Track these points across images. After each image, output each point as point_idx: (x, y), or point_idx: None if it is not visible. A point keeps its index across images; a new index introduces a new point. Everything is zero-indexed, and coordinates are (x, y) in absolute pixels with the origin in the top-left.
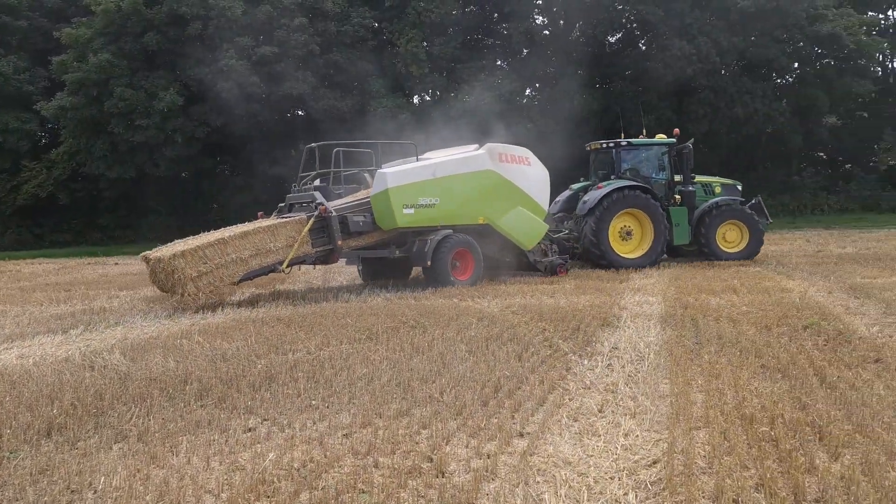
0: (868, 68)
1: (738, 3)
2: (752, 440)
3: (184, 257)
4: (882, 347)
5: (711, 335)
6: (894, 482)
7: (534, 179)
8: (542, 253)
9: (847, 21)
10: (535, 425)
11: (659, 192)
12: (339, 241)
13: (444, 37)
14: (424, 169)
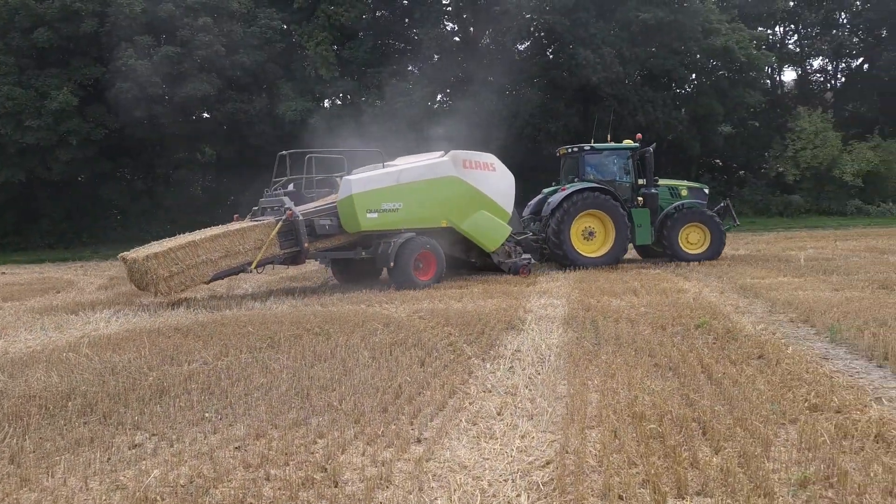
0: (758, 80)
1: (639, 15)
2: (640, 437)
3: (156, 259)
4: (765, 344)
5: (610, 336)
6: (768, 472)
7: (498, 184)
8: (505, 254)
9: (738, 35)
10: (433, 430)
11: (624, 194)
12: (305, 244)
13: (355, 40)
14: (388, 175)
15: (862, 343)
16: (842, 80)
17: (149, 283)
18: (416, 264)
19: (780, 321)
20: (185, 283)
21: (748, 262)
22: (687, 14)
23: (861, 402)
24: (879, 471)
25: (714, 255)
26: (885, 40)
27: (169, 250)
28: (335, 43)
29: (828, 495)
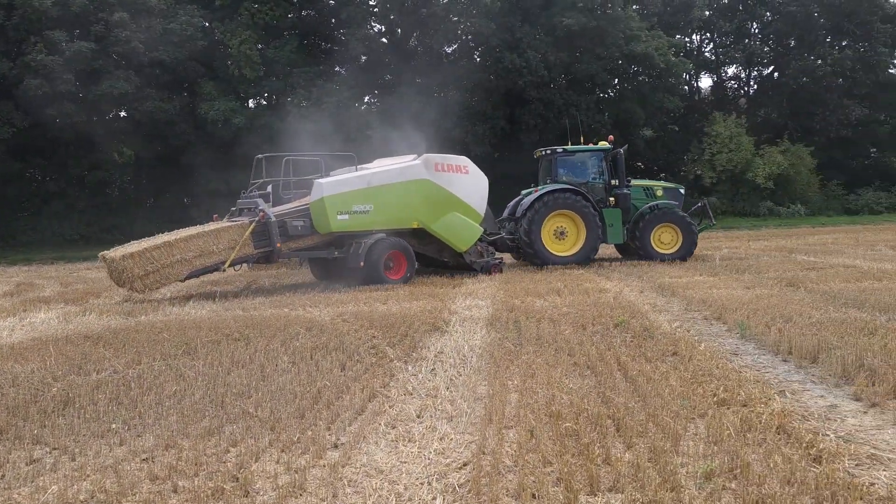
0: (677, 86)
1: (563, 21)
2: (556, 436)
3: (132, 258)
4: (679, 341)
5: (532, 336)
6: (676, 466)
7: (470, 187)
8: (477, 254)
9: (658, 42)
10: (350, 435)
11: (598, 194)
12: (277, 244)
13: (280, 40)
14: (359, 179)
15: (769, 339)
16: (754, 87)
17: (125, 281)
18: (386, 264)
19: (695, 319)
20: (160, 282)
21: (667, 261)
22: (609, 21)
23: (766, 396)
24: (779, 461)
25: (685, 256)
26: (792, 50)
27: (144, 250)
28: (259, 42)
29: (731, 487)
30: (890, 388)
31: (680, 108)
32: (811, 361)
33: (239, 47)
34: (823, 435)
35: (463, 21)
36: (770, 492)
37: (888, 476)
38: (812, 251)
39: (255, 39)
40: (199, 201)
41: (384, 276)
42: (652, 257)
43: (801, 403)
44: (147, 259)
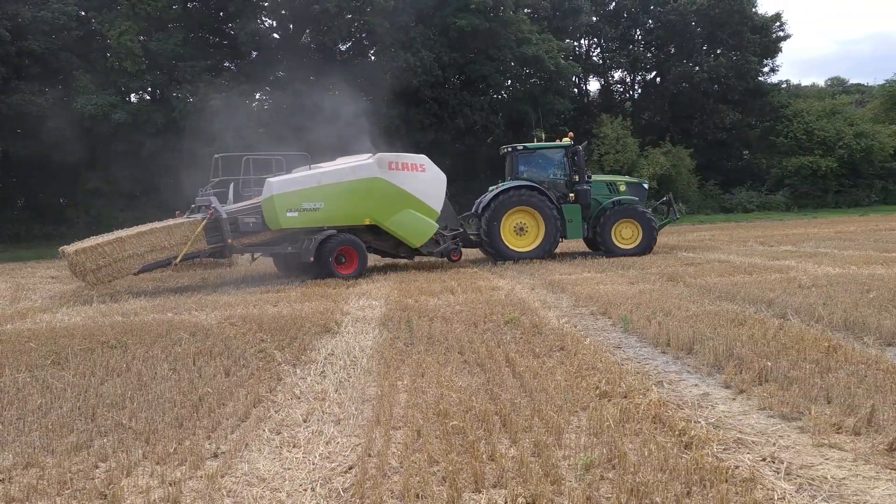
0: (567, 89)
1: (456, 21)
2: (443, 435)
3: (84, 253)
4: (566, 336)
5: (424, 335)
6: (558, 459)
7: (426, 184)
8: (434, 244)
9: (548, 46)
10: (232, 443)
11: (559, 190)
12: (228, 240)
13: (164, 32)
14: (310, 177)
15: (649, 332)
16: (639, 92)
17: (80, 274)
18: (338, 259)
19: (582, 314)
20: (112, 275)
21: (558, 259)
22: (501, 23)
23: (644, 387)
24: (654, 449)
25: (645, 251)
26: (673, 56)
27: (96, 245)
28: (141, 33)
29: (609, 476)
30: (755, 376)
31: (570, 110)
32: (687, 352)
33: (119, 39)
34: (695, 422)
35: (357, 18)
36: (644, 479)
37: (751, 458)
38: (691, 247)
39: (137, 31)
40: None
41: (335, 271)
42: (613, 253)
43: (677, 393)
44: (99, 254)
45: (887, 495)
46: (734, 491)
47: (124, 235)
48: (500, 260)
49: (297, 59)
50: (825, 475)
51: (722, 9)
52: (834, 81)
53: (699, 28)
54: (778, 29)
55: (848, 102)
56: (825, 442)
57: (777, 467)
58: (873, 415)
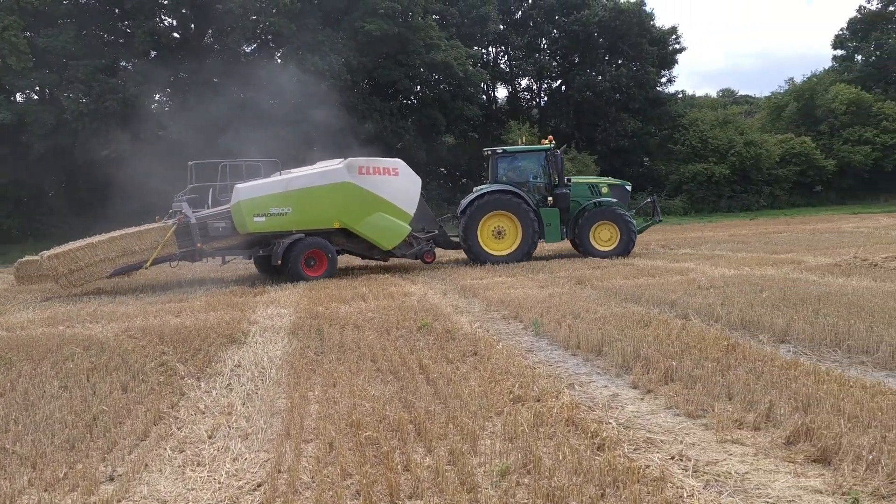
0: (475, 95)
1: (364, 26)
2: (357, 446)
3: (57, 258)
4: (479, 341)
5: (335, 343)
6: (474, 467)
7: (399, 188)
8: (408, 246)
9: (457, 52)
10: (130, 464)
11: (539, 194)
12: (198, 244)
13: (54, 28)
14: (277, 183)
15: (560, 334)
16: (545, 99)
17: (54, 278)
18: (307, 262)
19: (494, 318)
20: (84, 279)
21: (469, 263)
22: (410, 28)
23: (556, 390)
24: (567, 453)
25: (623, 253)
26: (577, 65)
27: (68, 251)
28: (28, 29)
29: (524, 482)
30: (661, 376)
31: (479, 117)
32: (596, 354)
33: (1, 34)
34: (606, 423)
35: (262, 20)
36: (559, 483)
37: (661, 457)
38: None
39: (22, 26)
40: None
41: (303, 273)
42: (591, 254)
43: (588, 394)
44: (71, 259)
45: (786, 487)
46: (646, 491)
47: (96, 241)
48: (478, 263)
49: (200, 60)
50: (729, 470)
51: (622, 21)
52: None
53: (601, 39)
54: (674, 42)
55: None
56: (728, 438)
57: (685, 465)
58: (771, 410)
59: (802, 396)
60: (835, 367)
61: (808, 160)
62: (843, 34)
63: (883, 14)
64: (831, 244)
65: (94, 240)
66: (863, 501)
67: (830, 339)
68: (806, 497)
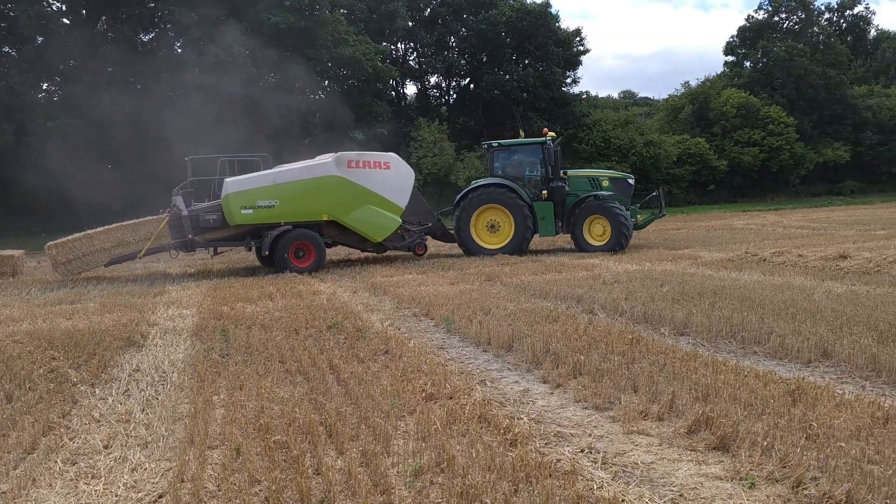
0: (385, 92)
1: (269, 18)
2: (265, 451)
3: (56, 248)
4: (390, 339)
5: (241, 345)
6: (387, 468)
7: (390, 181)
8: (399, 238)
9: (365, 48)
10: (15, 480)
11: (536, 187)
12: (189, 235)
13: None
14: (265, 177)
15: (471, 331)
16: (454, 97)
17: (53, 267)
18: (296, 253)
19: (406, 316)
20: (81, 268)
21: (379, 261)
22: (317, 22)
23: (468, 387)
24: (481, 450)
25: (615, 248)
26: (485, 64)
27: (66, 241)
28: None
29: (438, 481)
30: (570, 370)
31: (388, 113)
32: (507, 350)
33: None
34: (518, 419)
35: (161, 8)
36: (473, 481)
37: (571, 451)
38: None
39: None
40: None
41: (291, 265)
42: (583, 249)
43: (500, 391)
44: (69, 248)
45: (689, 475)
46: (558, 485)
47: (92, 232)
48: (471, 256)
49: (92, 48)
50: (636, 461)
51: (529, 22)
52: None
53: (509, 39)
54: (578, 43)
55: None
56: (634, 429)
57: (594, 457)
58: (674, 401)
59: (702, 387)
60: (730, 358)
61: (703, 160)
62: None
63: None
64: (724, 240)
65: (92, 231)
66: (758, 485)
67: (726, 331)
68: (707, 484)
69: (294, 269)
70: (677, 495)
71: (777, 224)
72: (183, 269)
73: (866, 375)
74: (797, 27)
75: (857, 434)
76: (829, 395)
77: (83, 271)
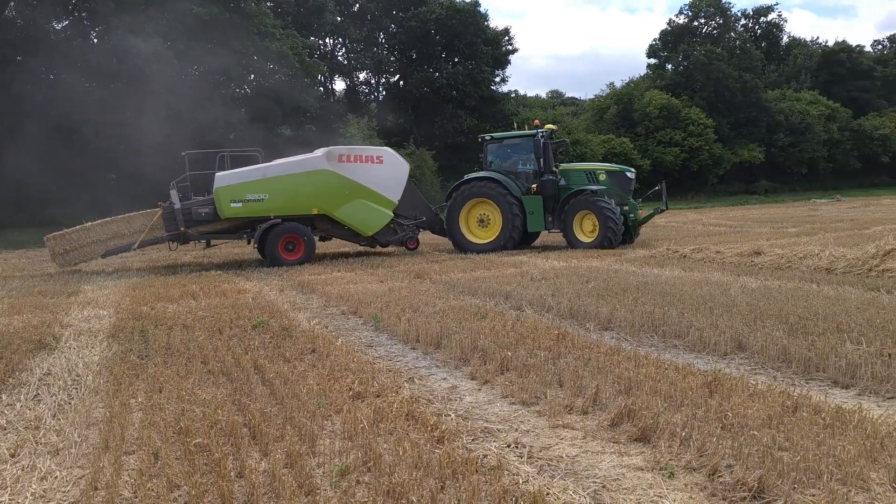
0: (312, 87)
1: (192, 9)
2: (185, 455)
3: (54, 239)
4: (317, 338)
5: (161, 346)
6: (313, 468)
7: (383, 176)
8: (392, 232)
9: (293, 42)
10: None
11: (528, 181)
12: (181, 228)
13: None
14: (255, 171)
15: (399, 329)
16: (383, 94)
17: (52, 257)
18: (285, 246)
19: (333, 314)
20: (79, 259)
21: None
22: (243, 14)
23: (396, 385)
24: (408, 448)
25: (602, 244)
26: (415, 62)
27: (64, 233)
28: None
29: (365, 480)
30: (498, 366)
31: (316, 109)
32: (435, 347)
33: None
34: (446, 416)
35: None
36: (400, 480)
37: (497, 446)
38: (435, 245)
39: None
40: None
41: (280, 257)
42: (573, 245)
43: (428, 388)
44: (66, 240)
45: (612, 466)
46: (484, 480)
47: (89, 224)
48: (463, 252)
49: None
50: (561, 454)
51: (458, 20)
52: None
53: (438, 36)
54: (507, 42)
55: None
56: (559, 423)
57: (520, 452)
58: (598, 394)
59: (625, 380)
60: (652, 352)
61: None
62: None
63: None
64: (647, 237)
65: (89, 223)
66: (677, 474)
67: (648, 326)
68: (629, 474)
69: (283, 263)
70: (600, 487)
71: (697, 222)
72: (101, 267)
73: (777, 366)
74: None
75: (768, 422)
76: (743, 386)
77: (80, 262)
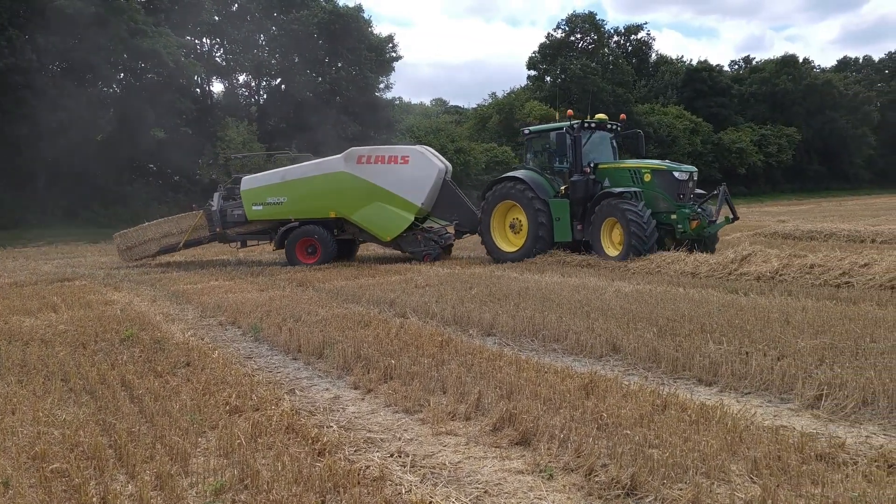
0: (188, 88)
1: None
2: (40, 482)
3: (120, 237)
4: (192, 350)
5: (15, 363)
6: (185, 489)
7: (406, 177)
8: (416, 243)
9: (166, 40)
10: None
11: (563, 182)
12: (217, 229)
13: None
14: (274, 174)
15: (280, 339)
16: (264, 97)
17: (118, 253)
18: (305, 249)
19: (210, 325)
20: (138, 255)
21: (184, 268)
22: (111, 9)
23: (276, 397)
24: (287, 462)
25: (626, 257)
26: (297, 65)
27: (128, 231)
28: None
29: (241, 498)
30: (381, 375)
31: (192, 110)
32: (318, 357)
33: None
34: (327, 427)
35: None
36: (278, 496)
37: (380, 456)
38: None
39: None
40: None
41: (298, 260)
42: (601, 256)
43: (309, 399)
44: (128, 237)
45: (494, 471)
46: (366, 492)
47: (147, 224)
48: (496, 262)
49: None
50: (444, 461)
51: (341, 25)
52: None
53: (321, 41)
54: (391, 50)
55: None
56: (443, 430)
57: (404, 461)
58: (480, 399)
59: (507, 385)
60: (532, 356)
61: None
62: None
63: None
64: None
65: (146, 224)
66: (556, 476)
67: (529, 330)
68: (510, 478)
69: (300, 264)
70: (482, 492)
71: None
72: None
73: (648, 366)
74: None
75: (640, 421)
76: (617, 387)
77: (140, 258)
